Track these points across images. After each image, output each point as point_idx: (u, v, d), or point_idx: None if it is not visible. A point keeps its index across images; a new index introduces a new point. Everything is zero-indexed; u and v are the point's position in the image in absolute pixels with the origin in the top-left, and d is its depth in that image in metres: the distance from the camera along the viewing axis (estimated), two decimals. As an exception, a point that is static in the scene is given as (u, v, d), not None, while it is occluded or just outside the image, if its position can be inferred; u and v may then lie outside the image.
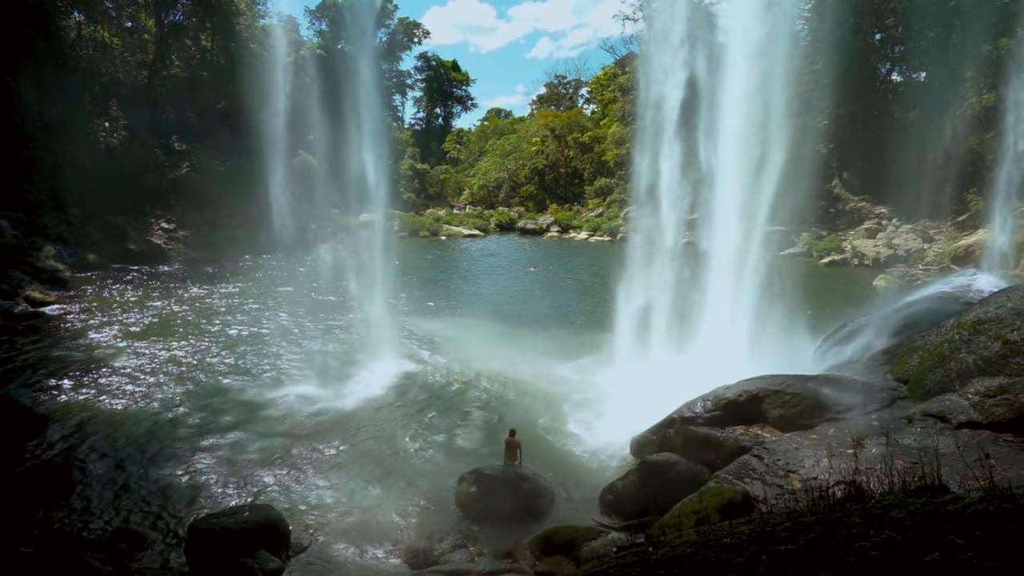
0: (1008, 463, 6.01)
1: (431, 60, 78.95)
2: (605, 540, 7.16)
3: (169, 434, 11.21)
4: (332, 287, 26.19)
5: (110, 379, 13.82)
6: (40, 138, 29.30)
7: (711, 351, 13.60)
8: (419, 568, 7.43)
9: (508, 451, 9.73)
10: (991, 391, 7.43)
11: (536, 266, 35.68)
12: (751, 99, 14.22)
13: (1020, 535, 2.39)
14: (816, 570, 2.45)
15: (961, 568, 2.22)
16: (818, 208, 39.32)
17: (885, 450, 6.60)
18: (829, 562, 2.48)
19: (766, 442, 8.34)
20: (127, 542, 7.63)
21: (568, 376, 14.89)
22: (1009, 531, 2.43)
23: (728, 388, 9.69)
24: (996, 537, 2.43)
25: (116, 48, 38.76)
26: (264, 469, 9.95)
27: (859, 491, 3.70)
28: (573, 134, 63.95)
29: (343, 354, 16.52)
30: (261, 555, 7.20)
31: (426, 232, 50.72)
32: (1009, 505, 2.68)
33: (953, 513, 2.73)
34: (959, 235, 32.20)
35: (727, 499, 6.39)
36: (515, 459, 9.62)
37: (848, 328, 12.97)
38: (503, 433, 10.30)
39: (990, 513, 2.65)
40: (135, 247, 31.35)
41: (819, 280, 29.77)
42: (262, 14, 47.97)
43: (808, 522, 3.04)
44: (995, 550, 2.30)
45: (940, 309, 10.88)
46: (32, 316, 18.63)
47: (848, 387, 9.15)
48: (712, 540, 3.06)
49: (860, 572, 2.36)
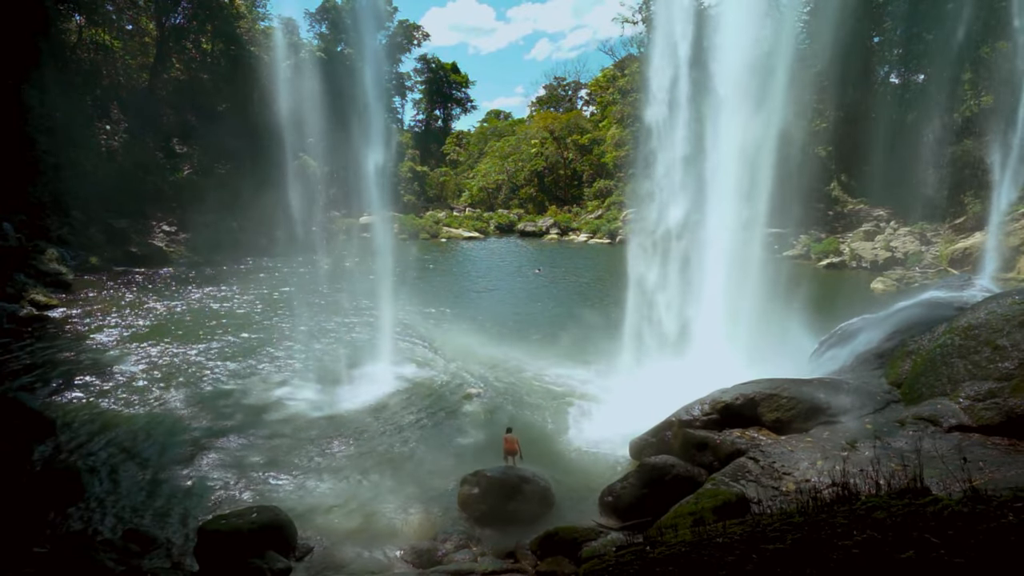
0: (996, 466, 6.20)
1: (431, 62, 79.21)
2: (605, 540, 7.32)
3: (175, 436, 11.38)
4: (334, 289, 26.37)
5: (116, 382, 13.99)
6: (43, 141, 29.45)
7: (710, 354, 13.80)
8: (423, 568, 7.61)
9: (507, 447, 10.19)
10: (981, 395, 7.63)
11: (541, 268, 35.76)
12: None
13: (991, 534, 2.58)
14: (802, 567, 2.63)
15: (934, 565, 2.40)
16: (816, 210, 39.56)
17: (877, 453, 6.78)
18: (814, 560, 2.67)
19: (762, 445, 8.53)
20: (137, 543, 7.80)
21: (569, 379, 15.08)
22: (981, 531, 2.61)
23: (725, 392, 9.87)
24: (969, 536, 2.61)
25: (117, 51, 38.90)
26: (270, 471, 10.12)
27: (847, 493, 3.87)
28: (572, 136, 64.17)
29: (346, 357, 16.69)
30: (269, 555, 7.37)
31: (426, 234, 50.90)
32: (983, 507, 2.87)
33: (931, 514, 2.91)
34: (956, 238, 32.42)
35: (723, 501, 6.57)
36: (514, 454, 10.06)
37: (844, 332, 13.17)
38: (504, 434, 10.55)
39: (965, 514, 2.83)
40: (137, 250, 31.52)
41: (817, 283, 29.95)
42: (262, 17, 48.21)
43: (796, 523, 3.22)
44: (967, 548, 2.49)
45: (933, 314, 11.08)
46: (37, 319, 18.78)
47: (842, 391, 9.33)
48: (706, 540, 3.24)
49: (842, 569, 2.55)
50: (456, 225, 55.51)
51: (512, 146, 70.67)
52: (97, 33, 37.54)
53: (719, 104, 14.98)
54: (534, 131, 69.15)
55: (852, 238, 37.00)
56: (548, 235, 54.97)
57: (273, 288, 26.79)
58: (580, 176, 63.60)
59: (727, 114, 14.87)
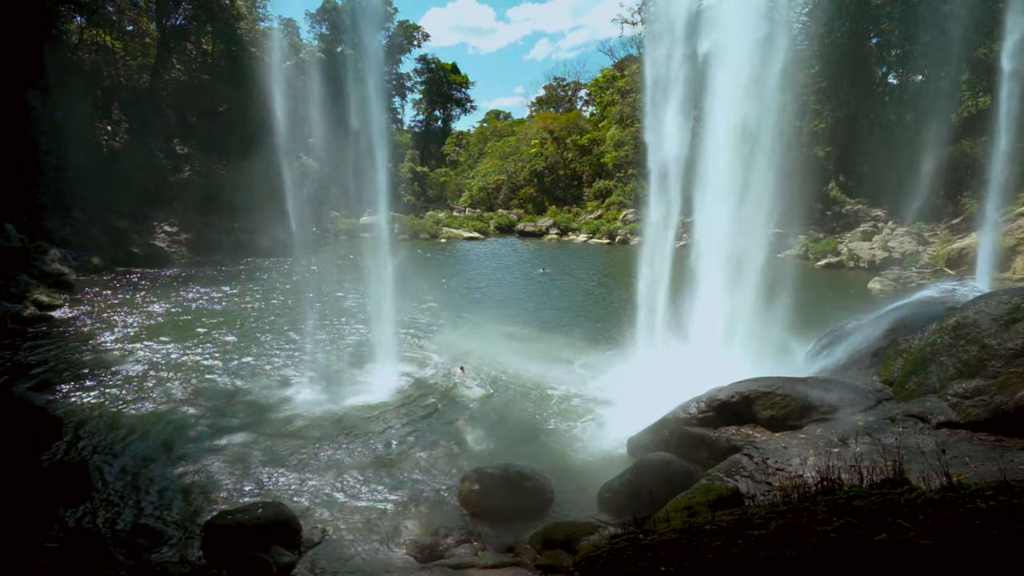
0: (981, 460, 6.39)
1: (430, 63, 79.42)
2: (602, 535, 7.50)
3: (180, 434, 11.57)
4: (334, 289, 26.55)
5: (121, 381, 14.17)
6: (44, 142, 29.64)
7: (708, 354, 13.99)
8: (425, 562, 7.78)
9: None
10: (968, 392, 7.82)
11: (545, 268, 35.91)
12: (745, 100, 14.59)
13: (958, 519, 2.77)
14: (783, 550, 2.82)
15: (904, 546, 2.59)
16: (815, 211, 39.80)
17: (866, 448, 6.97)
18: (794, 543, 2.86)
19: (756, 442, 8.71)
20: (146, 537, 7.98)
21: (569, 378, 15.25)
22: (949, 516, 2.80)
23: (721, 390, 10.06)
24: (939, 521, 2.80)
25: (118, 52, 39.10)
26: (274, 468, 10.30)
27: (832, 485, 4.06)
28: (572, 136, 64.35)
29: (349, 356, 16.88)
30: (275, 550, 7.55)
31: (426, 235, 51.09)
32: (953, 495, 3.05)
33: (905, 502, 3.10)
34: (953, 238, 32.63)
35: (717, 495, 6.76)
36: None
37: (839, 331, 13.36)
38: (504, 434, 10.72)
39: (937, 501, 3.02)
40: (138, 250, 31.70)
41: (815, 282, 30.16)
42: (263, 18, 48.43)
43: (781, 511, 3.41)
44: (935, 531, 2.68)
45: (925, 313, 11.28)
46: (41, 320, 18.96)
47: (836, 389, 9.52)
48: (695, 527, 3.43)
49: (820, 550, 2.73)
50: (456, 225, 55.69)
51: (512, 146, 70.87)
52: (98, 34, 37.74)
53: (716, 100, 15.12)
54: (534, 131, 69.32)
55: (850, 238, 37.22)
56: (548, 235, 55.17)
57: (274, 288, 26.97)
58: (580, 176, 63.80)
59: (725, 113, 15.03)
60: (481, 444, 11.62)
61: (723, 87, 14.84)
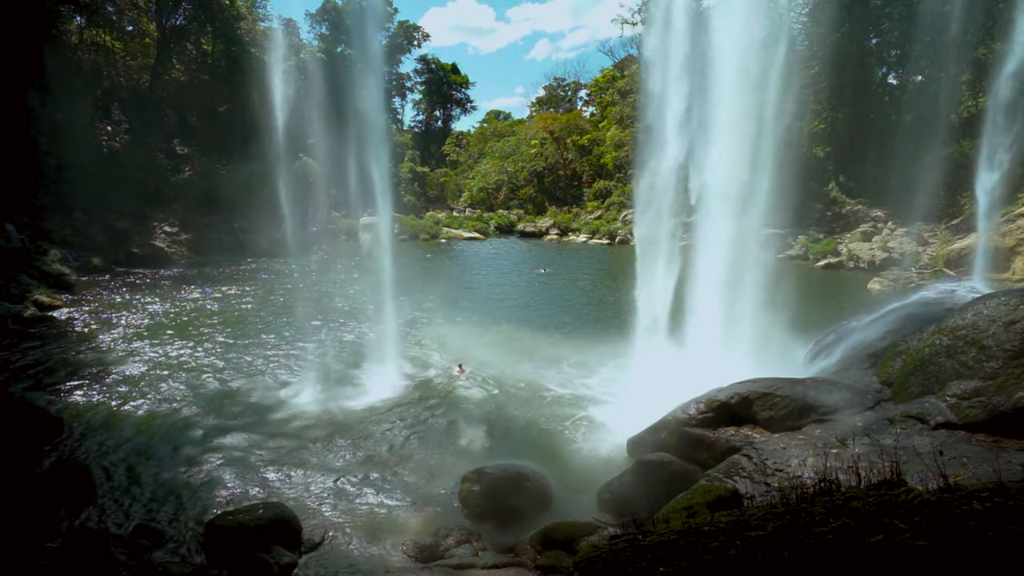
0: (979, 461, 6.41)
1: (431, 63, 79.53)
2: (602, 535, 7.53)
3: (181, 435, 11.59)
4: (334, 290, 26.59)
5: (121, 381, 14.20)
6: (45, 142, 29.68)
7: (708, 355, 14.00)
8: (425, 562, 7.82)
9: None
10: (966, 394, 7.84)
11: (546, 269, 35.94)
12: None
13: (954, 520, 2.79)
14: (780, 551, 2.85)
15: (900, 547, 2.62)
16: (815, 211, 39.85)
17: (865, 449, 7.00)
18: (791, 544, 2.88)
19: (755, 442, 8.73)
20: (147, 538, 8.01)
21: (569, 379, 15.29)
22: (945, 517, 2.83)
23: (720, 391, 10.08)
24: (935, 522, 2.83)
25: (118, 52, 39.09)
26: (274, 469, 10.33)
27: (830, 486, 4.08)
28: (572, 136, 64.42)
29: (349, 356, 16.91)
30: (276, 550, 7.58)
31: (426, 235, 51.14)
32: (949, 496, 3.08)
33: (902, 503, 3.13)
34: (952, 238, 32.66)
35: (716, 496, 6.78)
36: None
37: (838, 332, 13.38)
38: (504, 434, 10.76)
39: (933, 503, 3.04)
40: (138, 250, 31.75)
41: (815, 283, 30.21)
42: (263, 18, 48.44)
43: (779, 512, 3.43)
44: (931, 532, 2.70)
45: (924, 314, 11.30)
46: (41, 320, 18.98)
47: (835, 390, 9.54)
48: (694, 528, 3.46)
49: (816, 551, 2.76)
50: (456, 226, 55.75)
51: (512, 146, 70.91)
52: (98, 34, 37.74)
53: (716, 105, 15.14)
54: (534, 132, 69.40)
55: (850, 239, 37.25)
56: (548, 235, 55.24)
57: (274, 289, 27.00)
58: (580, 177, 63.88)
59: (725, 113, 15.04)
60: (481, 444, 11.66)
61: (723, 87, 14.85)
